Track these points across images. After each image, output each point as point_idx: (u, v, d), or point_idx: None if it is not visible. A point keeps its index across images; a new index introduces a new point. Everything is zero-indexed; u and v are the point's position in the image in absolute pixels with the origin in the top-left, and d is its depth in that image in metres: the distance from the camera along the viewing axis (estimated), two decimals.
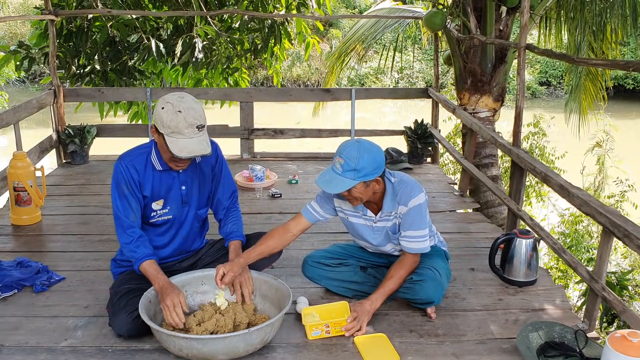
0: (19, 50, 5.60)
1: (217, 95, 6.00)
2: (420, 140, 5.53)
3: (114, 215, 2.58)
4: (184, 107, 2.40)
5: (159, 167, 2.61)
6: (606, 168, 7.23)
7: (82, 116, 7.51)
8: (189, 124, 2.39)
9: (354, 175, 2.44)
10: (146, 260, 2.52)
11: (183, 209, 2.72)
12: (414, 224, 2.59)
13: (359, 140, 2.52)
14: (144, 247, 2.56)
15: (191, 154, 2.42)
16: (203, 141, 2.45)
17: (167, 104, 2.41)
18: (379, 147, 2.55)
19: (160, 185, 2.63)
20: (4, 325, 2.59)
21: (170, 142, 2.41)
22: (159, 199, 2.65)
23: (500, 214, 5.11)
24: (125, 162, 2.57)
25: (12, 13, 19.97)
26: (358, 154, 2.43)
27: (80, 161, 5.39)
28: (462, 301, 2.87)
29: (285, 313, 2.37)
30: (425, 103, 7.12)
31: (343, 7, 21.08)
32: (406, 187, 2.59)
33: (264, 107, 10.28)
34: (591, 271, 2.78)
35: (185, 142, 2.41)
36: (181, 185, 2.67)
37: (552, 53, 3.59)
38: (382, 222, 2.67)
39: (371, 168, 2.45)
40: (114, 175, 2.58)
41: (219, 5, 6.33)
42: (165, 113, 2.40)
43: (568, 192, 2.97)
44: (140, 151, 2.62)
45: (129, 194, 2.56)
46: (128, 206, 2.56)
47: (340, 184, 2.45)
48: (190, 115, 2.40)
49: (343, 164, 2.44)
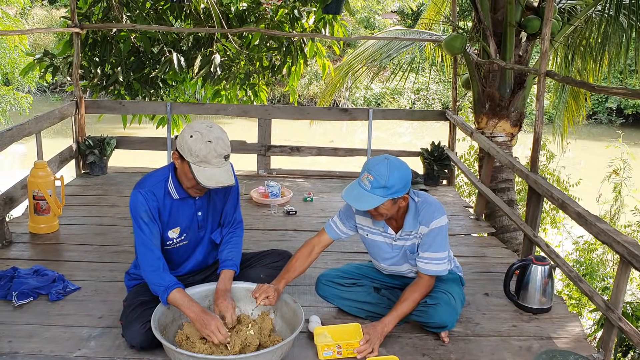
0: (44, 59, 5.71)
1: (236, 111, 6.06)
2: (437, 162, 5.53)
3: (138, 242, 2.53)
4: (213, 137, 2.40)
5: (175, 196, 2.57)
6: (622, 196, 7.17)
7: (102, 127, 7.61)
8: (218, 154, 2.40)
9: (384, 192, 2.44)
10: (175, 288, 2.46)
11: (199, 233, 2.73)
12: (433, 245, 2.59)
13: (388, 157, 2.51)
14: (169, 275, 2.51)
15: (218, 184, 2.42)
16: (228, 171, 2.46)
17: (196, 133, 2.40)
18: (407, 165, 2.55)
19: (178, 213, 2.62)
20: (19, 333, 2.62)
21: (197, 171, 2.40)
22: (175, 227, 2.64)
23: (515, 239, 5.07)
24: (144, 191, 2.53)
25: (36, 24, 20.39)
26: (388, 171, 2.43)
27: (98, 172, 5.46)
28: (475, 326, 2.84)
29: (299, 332, 2.36)
30: (442, 125, 7.12)
31: (362, 27, 21.24)
32: (429, 207, 2.60)
33: (280, 123, 10.35)
34: (607, 301, 2.75)
35: (213, 171, 2.41)
36: (197, 212, 2.67)
37: (572, 80, 3.60)
38: (401, 241, 2.67)
39: (400, 185, 2.46)
40: (133, 204, 2.52)
41: (239, 23, 6.41)
42: (194, 142, 2.39)
43: (585, 220, 2.95)
44: (157, 179, 2.58)
45: (150, 222, 2.52)
46: (150, 233, 2.52)
47: (369, 200, 2.45)
48: (220, 146, 2.40)
49: (372, 181, 2.43)
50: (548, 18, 3.57)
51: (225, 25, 6.25)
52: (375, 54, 6.27)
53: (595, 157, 6.51)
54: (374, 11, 21.31)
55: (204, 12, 6.34)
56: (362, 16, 20.83)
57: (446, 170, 5.59)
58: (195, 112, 6.26)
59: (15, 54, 8.91)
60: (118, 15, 5.74)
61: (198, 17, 6.32)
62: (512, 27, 4.92)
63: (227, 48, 6.25)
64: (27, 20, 20.04)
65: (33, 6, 20.15)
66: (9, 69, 8.95)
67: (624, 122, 19.05)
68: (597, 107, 19.41)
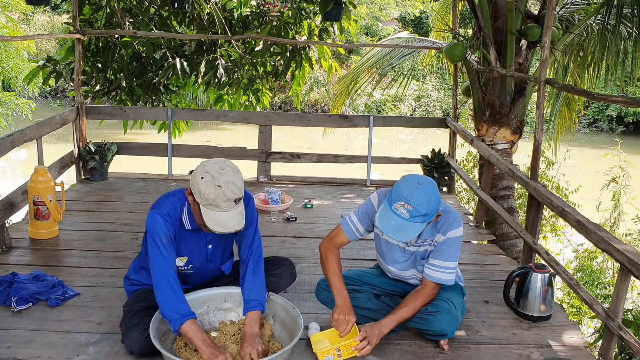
0: (47, 65, 5.74)
1: (237, 118, 6.08)
2: (437, 169, 5.53)
3: (154, 265, 2.47)
4: (224, 182, 2.34)
5: (188, 227, 2.55)
6: (621, 204, 7.17)
7: (103, 133, 7.62)
8: (227, 199, 2.35)
9: (424, 219, 2.43)
10: (189, 318, 2.40)
11: (207, 266, 2.72)
12: (445, 254, 2.60)
13: (421, 182, 2.46)
14: (185, 303, 2.44)
15: (225, 229, 2.38)
16: (238, 214, 2.40)
17: (207, 175, 2.36)
18: (434, 182, 2.53)
19: (187, 244, 2.61)
20: (18, 339, 2.61)
21: (205, 214, 2.37)
22: (183, 256, 2.63)
23: (515, 246, 5.07)
24: (163, 214, 2.50)
25: (39, 31, 20.46)
26: (426, 199, 2.41)
27: (99, 178, 5.46)
28: (475, 334, 2.84)
29: (297, 340, 2.36)
30: (442, 132, 7.13)
31: (364, 34, 21.29)
32: (449, 217, 2.61)
33: (282, 129, 10.37)
34: (607, 309, 2.75)
35: (222, 215, 2.37)
36: (208, 244, 2.66)
37: (572, 88, 3.61)
38: (414, 247, 2.68)
39: (437, 208, 2.47)
40: (151, 225, 2.49)
41: (243, 28, 6.43)
42: (204, 185, 2.34)
43: (585, 227, 2.95)
44: (173, 205, 2.54)
45: (168, 245, 2.49)
46: (168, 256, 2.48)
47: (411, 230, 2.42)
48: (230, 190, 2.35)
49: (412, 210, 2.40)
50: (548, 26, 3.58)
51: (229, 31, 6.27)
52: (379, 62, 6.29)
53: (596, 165, 6.51)
54: (376, 17, 21.36)
55: (207, 18, 6.37)
56: (364, 23, 20.87)
57: (446, 177, 5.60)
58: (196, 118, 6.28)
59: (19, 59, 8.92)
60: (121, 22, 5.76)
61: (202, 23, 6.35)
62: (513, 35, 4.93)
63: (230, 53, 6.27)
64: (29, 26, 20.12)
65: (35, 12, 20.21)
66: (12, 74, 8.96)
67: (625, 130, 19.05)
68: (598, 115, 19.42)
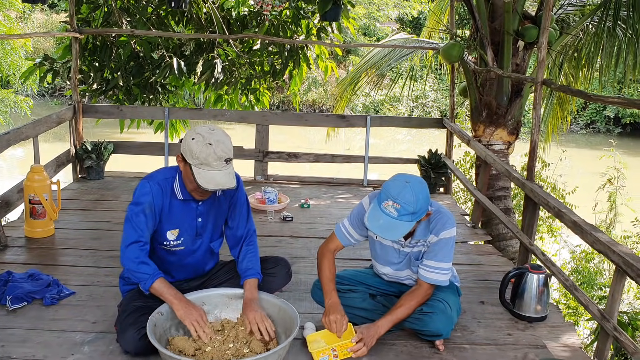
0: (44, 63, 5.72)
1: (234, 117, 6.08)
2: (434, 170, 5.54)
3: (128, 225, 2.53)
4: (214, 140, 2.42)
5: (180, 197, 2.61)
6: (617, 205, 7.19)
7: (100, 132, 7.60)
8: (218, 157, 2.42)
9: (412, 217, 2.43)
10: (159, 277, 2.50)
11: (196, 241, 2.73)
12: (439, 255, 2.59)
13: (408, 180, 2.47)
14: (153, 264, 2.54)
15: (217, 186, 2.45)
16: (229, 174, 2.48)
17: (198, 135, 2.44)
18: (423, 181, 2.53)
19: (179, 214, 2.63)
20: (12, 337, 2.61)
21: (197, 174, 2.44)
22: (175, 228, 2.65)
23: (512, 247, 5.07)
24: (153, 183, 2.56)
25: (36, 29, 20.41)
26: (414, 197, 2.41)
27: (95, 177, 5.45)
28: (471, 334, 2.84)
29: (292, 339, 2.36)
30: (440, 132, 7.14)
31: (362, 34, 21.29)
32: (442, 218, 2.61)
33: (280, 129, 10.37)
34: (603, 310, 2.75)
35: (213, 174, 2.44)
36: (197, 217, 2.68)
37: (569, 89, 3.61)
38: (409, 248, 2.68)
39: (425, 206, 2.47)
40: (140, 191, 2.56)
41: (241, 27, 6.42)
42: (196, 144, 2.42)
43: (581, 228, 2.95)
44: (166, 176, 2.62)
45: (150, 214, 2.55)
46: (145, 223, 2.54)
47: (400, 228, 2.42)
48: (220, 149, 2.42)
49: (399, 209, 2.40)
50: (545, 27, 3.59)
51: (227, 30, 6.26)
52: (378, 63, 6.30)
53: (593, 166, 6.52)
54: (374, 18, 21.36)
55: (205, 17, 6.35)
56: (361, 23, 20.87)
57: (443, 177, 5.60)
58: (193, 117, 6.27)
59: (17, 56, 8.92)
60: (118, 20, 5.74)
61: (199, 22, 6.34)
62: (510, 35, 4.93)
63: (228, 53, 6.26)
64: (27, 24, 20.06)
65: (33, 10, 20.16)
66: (10, 71, 8.95)
67: (622, 132, 19.09)
68: (595, 116, 19.45)
